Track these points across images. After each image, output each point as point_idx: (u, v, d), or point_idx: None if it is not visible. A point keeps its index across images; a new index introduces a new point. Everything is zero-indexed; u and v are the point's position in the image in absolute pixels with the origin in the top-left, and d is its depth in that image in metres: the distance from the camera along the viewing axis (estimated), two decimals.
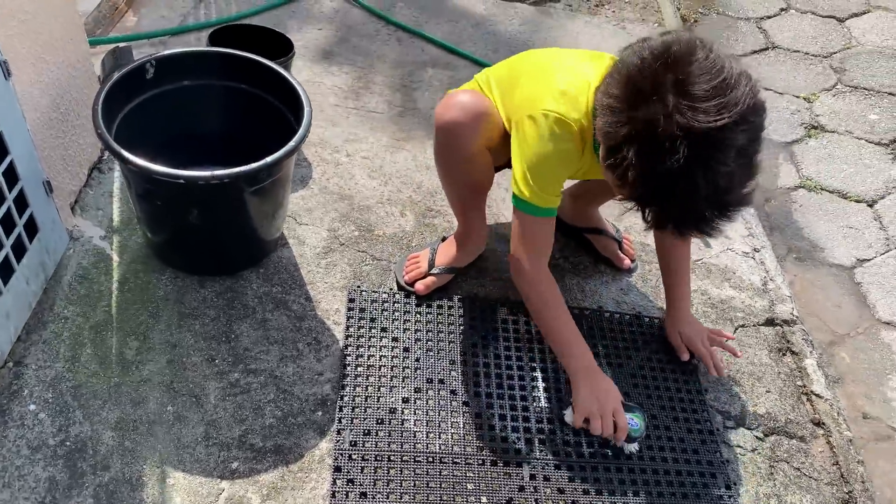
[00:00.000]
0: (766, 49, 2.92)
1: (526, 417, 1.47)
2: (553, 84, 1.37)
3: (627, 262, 1.84)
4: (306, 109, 1.49)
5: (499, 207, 1.93)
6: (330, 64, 2.34)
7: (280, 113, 1.57)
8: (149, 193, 1.44)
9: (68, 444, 1.33)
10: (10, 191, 1.35)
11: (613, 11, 2.95)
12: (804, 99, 2.66)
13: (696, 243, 1.94)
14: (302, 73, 2.27)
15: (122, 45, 1.83)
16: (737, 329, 1.76)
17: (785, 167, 2.38)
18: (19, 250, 1.40)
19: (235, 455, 1.36)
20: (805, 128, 2.54)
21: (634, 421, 1.44)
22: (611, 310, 1.73)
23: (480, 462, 1.39)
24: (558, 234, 1.86)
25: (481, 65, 2.45)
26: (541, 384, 1.53)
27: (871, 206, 2.25)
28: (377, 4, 2.67)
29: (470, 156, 1.47)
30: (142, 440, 1.35)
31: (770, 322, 1.79)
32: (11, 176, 1.36)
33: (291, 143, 1.42)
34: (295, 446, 1.38)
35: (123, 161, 1.32)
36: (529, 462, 1.40)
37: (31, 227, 1.44)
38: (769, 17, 3.10)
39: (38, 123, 1.47)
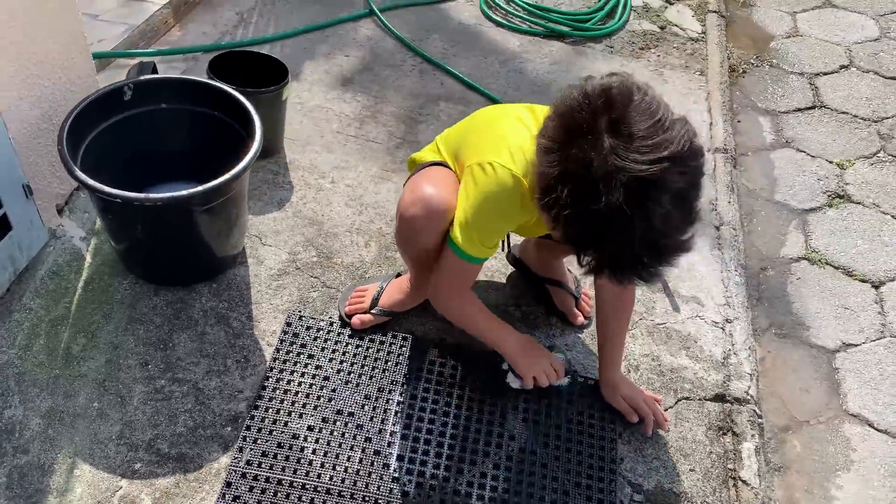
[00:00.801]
0: (812, 108, 2.79)
1: (424, 462, 1.50)
2: (499, 136, 1.39)
3: (581, 318, 1.83)
4: (255, 141, 1.59)
5: None
6: (345, 91, 2.44)
7: (242, 138, 1.67)
8: (102, 209, 1.58)
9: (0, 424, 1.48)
10: None
11: (658, 56, 2.91)
12: (837, 165, 2.53)
13: (665, 308, 1.90)
14: (315, 98, 2.38)
15: (145, 59, 2.00)
16: (679, 401, 1.72)
17: (793, 236, 2.28)
18: None
19: (141, 457, 1.46)
20: (828, 196, 2.41)
21: (559, 357, 1.63)
22: None
23: (364, 499, 1.43)
24: (520, 281, 1.88)
25: (494, 101, 2.48)
26: (449, 430, 1.56)
27: (876, 287, 2.12)
28: (412, 34, 2.76)
29: (428, 247, 1.50)
30: (63, 431, 1.48)
31: (719, 398, 1.74)
32: None
33: (232, 172, 1.52)
34: (197, 457, 1.47)
35: (73, 176, 1.46)
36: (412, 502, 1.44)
37: (4, 225, 1.61)
38: (825, 74, 2.96)
39: (24, 133, 1.63)
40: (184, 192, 1.47)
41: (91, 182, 1.44)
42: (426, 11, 2.93)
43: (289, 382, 1.60)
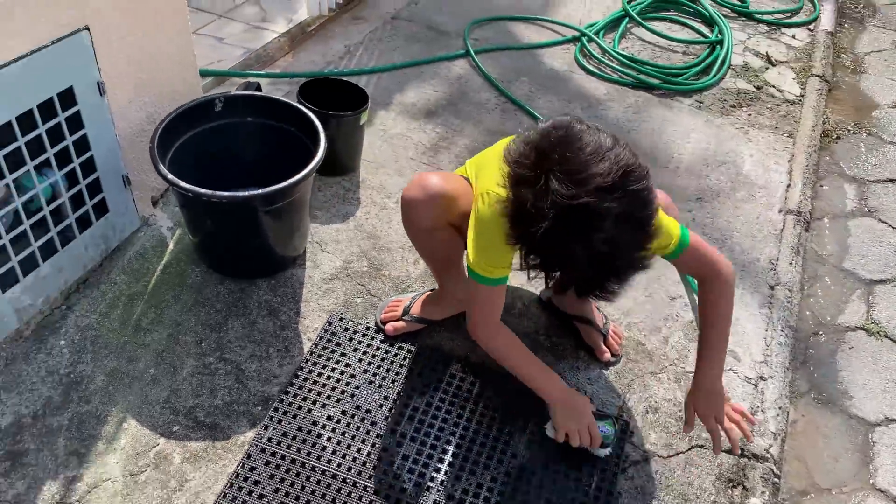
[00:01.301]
0: None
1: (426, 465, 1.61)
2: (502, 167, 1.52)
3: (607, 355, 1.88)
4: (317, 155, 1.78)
5: None
6: (427, 122, 2.61)
7: (311, 152, 1.86)
8: (181, 203, 1.81)
9: (72, 376, 1.72)
10: (84, 178, 1.78)
11: (748, 115, 2.91)
12: None
13: None
14: (397, 127, 2.57)
15: (252, 79, 2.26)
16: (692, 448, 1.73)
17: (855, 305, 2.23)
18: (86, 224, 1.83)
19: (180, 421, 1.65)
20: None
21: (605, 428, 1.63)
22: None
23: (364, 488, 1.55)
24: (551, 315, 1.96)
25: None
26: (456, 440, 1.66)
27: None
28: (502, 76, 2.91)
29: (427, 230, 1.64)
30: (121, 389, 1.70)
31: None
32: (90, 167, 1.79)
33: (291, 180, 1.72)
34: (227, 428, 1.65)
35: (156, 170, 1.70)
36: (404, 500, 1.54)
37: (102, 208, 1.87)
38: None
39: (129, 132, 1.90)
40: (246, 193, 1.67)
41: (170, 176, 1.67)
42: (521, 55, 3.08)
43: (319, 375, 1.75)
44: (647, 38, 3.32)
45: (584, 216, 1.21)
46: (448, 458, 1.63)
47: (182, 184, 1.66)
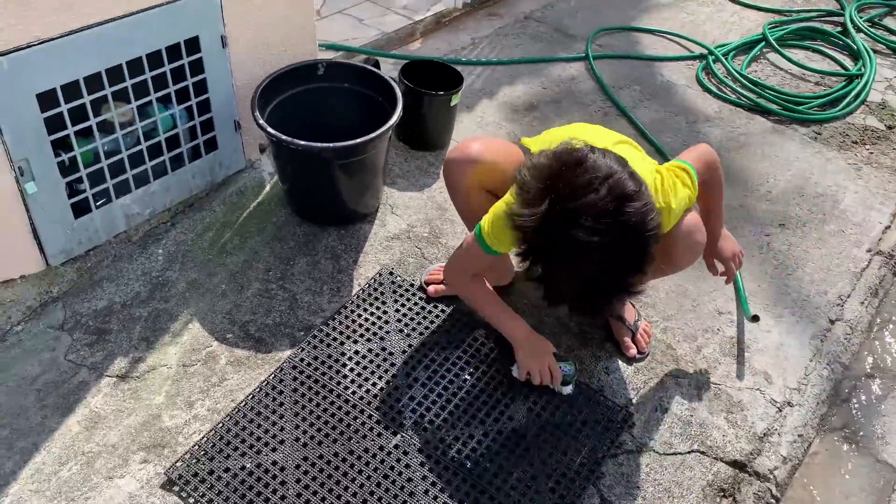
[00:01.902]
0: None
1: (428, 409, 1.77)
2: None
3: (633, 350, 1.94)
4: (390, 121, 1.98)
5: None
6: (524, 115, 2.75)
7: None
8: (274, 151, 2.08)
9: (160, 279, 2.03)
10: (199, 116, 2.09)
11: (868, 153, 2.80)
12: None
13: (728, 372, 1.94)
14: (494, 116, 2.73)
15: (370, 57, 2.52)
16: (691, 452, 1.77)
17: None
18: (196, 156, 2.15)
19: (234, 331, 1.92)
20: None
21: (566, 367, 1.81)
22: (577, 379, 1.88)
23: (369, 416, 1.74)
24: None
25: (661, 152, 2.62)
26: (461, 394, 1.80)
27: None
28: (615, 82, 2.99)
29: (463, 191, 1.79)
30: (196, 296, 1.99)
31: (737, 465, 1.75)
32: (205, 108, 2.10)
33: (361, 139, 1.93)
34: (270, 344, 1.89)
35: (253, 116, 1.97)
36: (401, 434, 1.71)
37: (212, 145, 2.18)
38: None
39: (245, 83, 2.20)
40: (319, 144, 1.91)
41: (261, 121, 1.94)
42: (640, 65, 3.13)
43: (358, 315, 1.96)
44: (780, 65, 3.25)
45: (570, 245, 1.31)
46: (450, 406, 1.77)
47: (269, 129, 1.93)
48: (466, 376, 1.84)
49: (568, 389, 1.80)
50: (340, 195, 2.11)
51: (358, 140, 1.92)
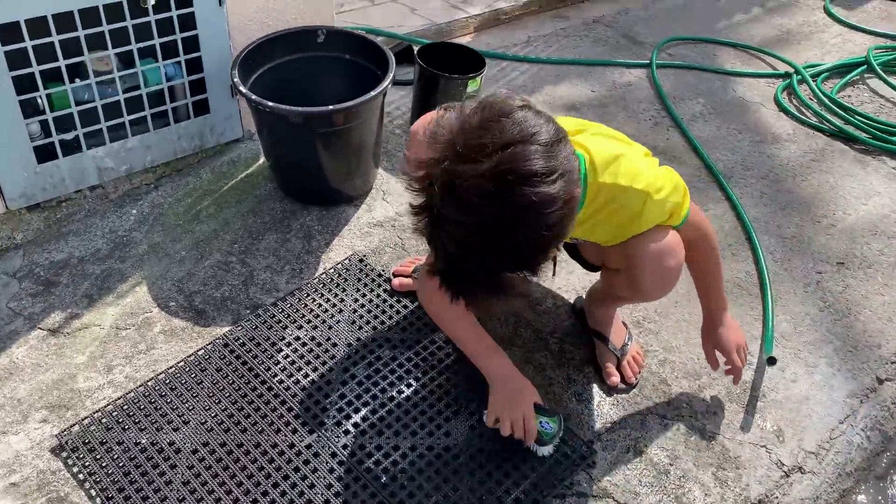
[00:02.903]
0: None
1: (357, 409, 1.55)
2: None
3: (614, 378, 1.65)
4: (378, 87, 1.80)
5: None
6: (559, 115, 2.49)
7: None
8: (254, 117, 1.94)
9: (124, 238, 1.93)
10: (188, 75, 1.99)
11: None
12: None
13: (730, 421, 1.61)
14: None
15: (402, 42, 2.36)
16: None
17: None
18: (183, 116, 2.04)
19: (177, 299, 1.78)
20: None
21: (548, 424, 1.47)
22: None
23: (289, 409, 1.54)
24: (576, 323, 1.77)
25: (709, 169, 2.31)
26: (399, 399, 1.57)
27: None
28: (677, 92, 2.69)
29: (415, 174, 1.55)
30: (152, 260, 1.87)
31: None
32: (196, 67, 1.99)
33: (343, 105, 1.76)
34: (211, 318, 1.74)
35: (230, 76, 1.84)
36: (318, 433, 1.50)
37: (202, 108, 2.07)
38: None
39: (243, 46, 2.08)
40: (287, 107, 1.75)
41: (236, 78, 1.81)
42: (709, 78, 2.81)
43: (311, 300, 1.77)
44: (880, 91, 2.84)
45: (437, 214, 1.06)
46: (381, 411, 1.55)
47: (241, 87, 1.79)
48: (411, 380, 1.61)
49: (545, 450, 1.48)
50: (321, 171, 1.94)
51: (331, 107, 1.75)
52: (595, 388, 1.65)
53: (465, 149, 1.03)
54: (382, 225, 2.00)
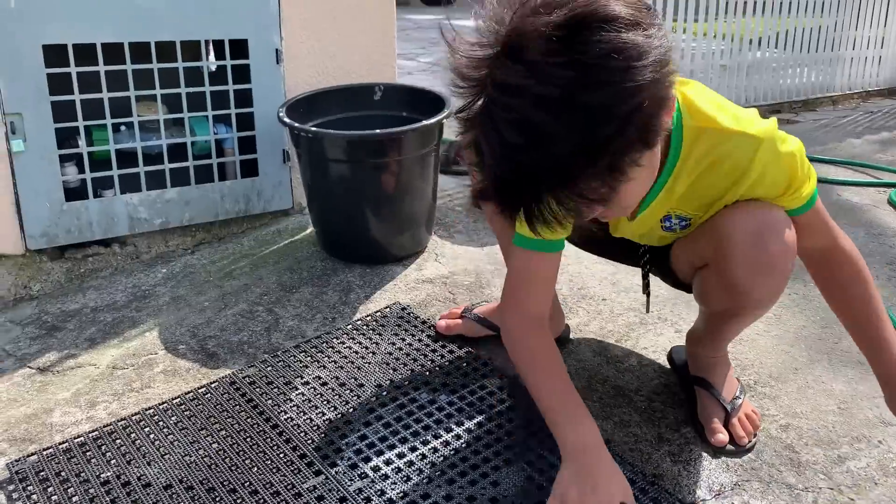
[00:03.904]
0: None
1: (380, 452, 1.20)
2: None
3: (721, 437, 1.24)
4: (433, 119, 1.64)
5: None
6: None
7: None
8: (299, 153, 1.79)
9: (146, 291, 1.73)
10: (238, 130, 1.89)
11: None
12: None
13: None
14: None
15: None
16: None
17: None
18: (231, 175, 1.92)
19: (189, 343, 1.53)
20: None
21: None
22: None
23: (295, 447, 1.21)
24: (670, 377, 1.41)
25: None
26: (435, 444, 1.22)
27: None
28: None
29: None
30: (172, 310, 1.65)
31: None
32: (247, 123, 1.90)
33: (396, 129, 1.61)
34: (223, 360, 1.47)
35: (280, 120, 1.72)
36: (325, 474, 1.15)
37: (251, 170, 1.95)
38: None
39: None
40: (336, 131, 1.60)
41: (282, 115, 1.69)
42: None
43: (341, 343, 1.48)
44: None
45: (490, 97, 0.81)
46: (411, 455, 1.19)
47: (283, 115, 1.67)
48: (452, 424, 1.26)
49: None
50: (367, 218, 1.73)
51: (379, 131, 1.58)
52: (696, 450, 1.25)
53: (535, 4, 0.81)
54: (432, 281, 1.74)
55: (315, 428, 1.25)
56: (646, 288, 1.39)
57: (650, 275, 1.37)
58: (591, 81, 0.77)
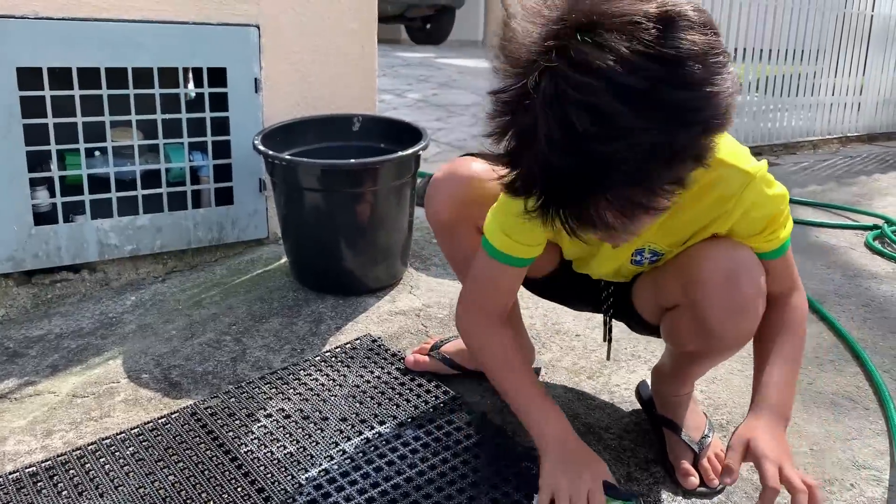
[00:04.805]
0: None
1: (340, 488, 1.16)
2: None
3: (692, 480, 1.22)
4: (413, 147, 1.65)
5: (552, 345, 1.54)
6: None
7: None
8: (273, 181, 1.78)
9: (112, 318, 1.70)
10: (213, 158, 1.88)
11: None
12: None
13: None
14: None
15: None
16: None
17: None
18: (205, 203, 1.90)
19: (153, 372, 1.49)
20: None
21: None
22: None
23: (253, 482, 1.17)
24: (640, 415, 1.39)
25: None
26: (398, 480, 1.18)
27: None
28: None
29: (446, 225, 1.24)
30: (138, 338, 1.62)
31: None
32: (224, 151, 1.89)
33: (366, 160, 1.60)
34: (186, 390, 1.43)
35: (254, 145, 1.71)
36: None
37: (226, 198, 1.93)
38: None
39: None
40: (310, 160, 1.59)
41: (257, 142, 1.68)
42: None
43: (307, 376, 1.45)
44: None
45: (556, 76, 0.73)
46: (372, 492, 1.15)
47: (258, 143, 1.66)
48: (416, 460, 1.23)
49: None
50: (340, 247, 1.71)
51: (353, 160, 1.58)
52: (665, 492, 1.22)
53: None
54: (405, 314, 1.71)
55: (275, 462, 1.22)
56: (608, 333, 1.38)
57: (612, 319, 1.35)
58: (680, 80, 0.74)
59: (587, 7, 0.75)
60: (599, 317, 1.66)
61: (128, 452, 1.23)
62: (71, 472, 1.19)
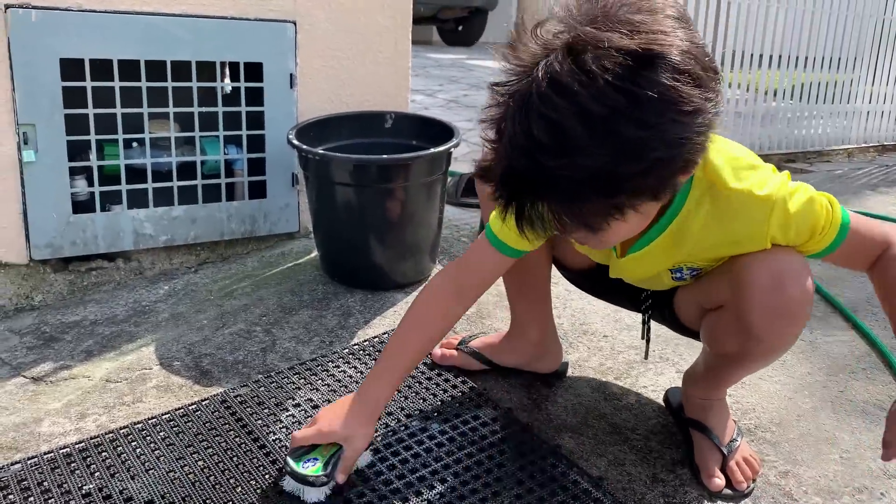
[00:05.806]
0: None
1: (362, 475, 1.18)
2: None
3: (717, 482, 1.21)
4: (441, 147, 1.65)
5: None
6: None
7: None
8: (305, 175, 1.79)
9: (146, 307, 1.73)
10: (248, 152, 1.90)
11: None
12: None
13: None
14: None
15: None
16: None
17: None
18: (238, 196, 1.93)
19: (184, 360, 1.51)
20: None
21: (308, 462, 1.11)
22: None
23: (281, 468, 1.19)
24: (667, 418, 1.38)
25: (831, 303, 1.95)
26: (419, 471, 1.19)
27: None
28: None
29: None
30: (171, 326, 1.65)
31: None
32: (258, 146, 1.92)
33: (394, 156, 1.61)
34: (216, 378, 1.45)
35: (289, 142, 1.73)
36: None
37: (259, 191, 1.95)
38: None
39: None
40: (342, 155, 1.60)
41: (291, 136, 1.70)
42: None
43: (336, 367, 1.47)
44: None
45: (539, 84, 0.80)
46: (396, 483, 1.16)
47: (293, 137, 1.68)
48: (442, 454, 1.23)
49: (312, 497, 1.11)
50: (370, 243, 1.73)
51: (385, 156, 1.59)
52: (691, 493, 1.22)
53: (608, 18, 0.81)
54: None
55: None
56: (646, 333, 1.38)
57: (651, 320, 1.35)
58: (637, 117, 0.78)
59: (581, 32, 0.80)
60: (627, 318, 1.67)
61: (159, 437, 1.25)
62: (103, 454, 1.21)
